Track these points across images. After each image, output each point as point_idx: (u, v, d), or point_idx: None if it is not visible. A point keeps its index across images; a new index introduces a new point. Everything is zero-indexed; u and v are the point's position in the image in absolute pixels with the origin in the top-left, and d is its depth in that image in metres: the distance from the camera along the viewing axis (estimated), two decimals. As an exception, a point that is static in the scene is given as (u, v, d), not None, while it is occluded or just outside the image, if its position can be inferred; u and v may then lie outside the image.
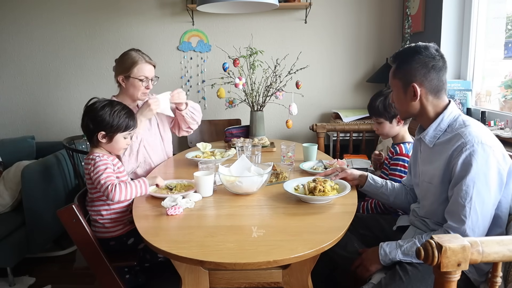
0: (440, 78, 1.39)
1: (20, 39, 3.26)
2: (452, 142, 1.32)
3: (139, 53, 2.07)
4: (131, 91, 2.06)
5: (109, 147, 1.67)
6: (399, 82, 1.41)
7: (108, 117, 1.62)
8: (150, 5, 3.22)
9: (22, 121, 3.39)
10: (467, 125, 1.33)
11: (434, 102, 1.40)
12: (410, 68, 1.38)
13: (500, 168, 1.27)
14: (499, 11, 2.44)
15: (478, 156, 1.25)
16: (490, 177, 1.25)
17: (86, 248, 1.57)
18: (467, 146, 1.27)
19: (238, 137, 2.58)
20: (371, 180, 1.65)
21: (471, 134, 1.29)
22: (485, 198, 1.24)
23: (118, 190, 1.53)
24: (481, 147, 1.25)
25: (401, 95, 1.42)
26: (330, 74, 3.33)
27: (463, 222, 1.24)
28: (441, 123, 1.38)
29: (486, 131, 1.33)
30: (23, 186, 2.24)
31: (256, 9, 2.58)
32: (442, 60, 1.39)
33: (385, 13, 3.23)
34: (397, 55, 1.44)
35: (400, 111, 1.50)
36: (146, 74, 2.04)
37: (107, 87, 3.31)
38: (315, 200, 1.50)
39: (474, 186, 1.24)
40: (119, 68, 2.07)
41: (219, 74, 2.79)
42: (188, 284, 1.34)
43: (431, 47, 1.39)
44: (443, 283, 0.89)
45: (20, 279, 2.34)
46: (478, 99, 2.57)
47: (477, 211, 1.24)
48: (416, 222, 1.49)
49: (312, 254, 1.16)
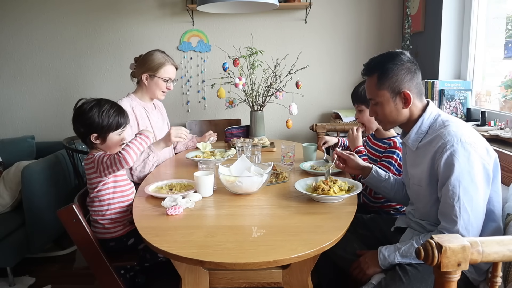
0: (420, 81, 1.41)
1: (20, 39, 3.26)
2: (433, 144, 1.32)
3: (165, 55, 2.21)
4: (153, 89, 2.19)
5: (104, 147, 1.67)
6: (386, 92, 1.38)
7: (98, 119, 1.60)
8: (150, 5, 3.22)
9: (22, 121, 3.39)
10: (446, 125, 1.33)
11: (419, 106, 1.40)
12: (397, 76, 1.36)
13: (484, 163, 1.26)
14: (499, 11, 2.44)
15: (459, 155, 1.25)
16: (475, 174, 1.24)
17: (86, 248, 1.57)
18: (447, 146, 1.27)
19: (238, 137, 2.58)
20: (374, 173, 1.65)
21: (450, 133, 1.29)
22: (473, 196, 1.24)
23: (126, 154, 1.53)
24: (461, 146, 1.25)
25: (390, 105, 1.39)
26: (330, 74, 3.33)
27: (455, 222, 1.24)
28: (421, 126, 1.39)
29: (466, 129, 1.33)
30: (23, 186, 2.24)
31: (256, 9, 2.58)
32: (416, 64, 1.41)
33: (385, 13, 3.23)
34: (374, 66, 1.41)
35: (388, 122, 1.46)
36: (171, 75, 2.21)
37: (107, 87, 3.31)
38: (324, 200, 1.50)
39: (459, 185, 1.24)
40: (144, 66, 2.18)
41: (219, 74, 2.79)
42: (188, 284, 1.34)
43: (405, 52, 1.41)
44: (443, 283, 0.89)
45: (20, 279, 2.34)
46: (478, 99, 2.57)
47: (467, 209, 1.24)
48: (413, 224, 1.49)
49: (312, 254, 1.16)
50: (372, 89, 1.42)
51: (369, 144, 2.02)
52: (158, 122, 2.28)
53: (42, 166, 2.35)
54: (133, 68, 2.24)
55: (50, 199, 2.37)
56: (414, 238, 1.37)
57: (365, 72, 1.44)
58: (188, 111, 3.33)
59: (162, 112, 2.40)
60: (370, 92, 1.44)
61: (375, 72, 1.40)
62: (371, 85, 1.42)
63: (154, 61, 2.16)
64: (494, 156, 1.32)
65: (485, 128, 2.10)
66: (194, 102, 3.33)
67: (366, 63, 1.45)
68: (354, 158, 1.70)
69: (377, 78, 1.39)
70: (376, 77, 1.39)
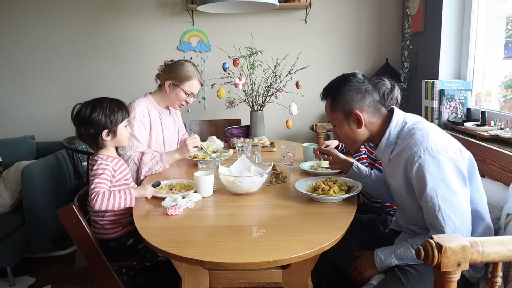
0: (375, 98, 1.41)
1: (20, 38, 3.26)
2: (402, 155, 1.32)
3: (195, 68, 2.16)
4: (172, 98, 2.14)
5: (115, 142, 1.69)
6: (340, 114, 1.41)
7: (104, 116, 1.62)
8: (150, 5, 3.22)
9: (22, 121, 3.39)
10: (412, 134, 1.32)
11: (378, 122, 1.41)
12: (346, 97, 1.39)
13: (457, 165, 1.25)
14: (499, 11, 2.44)
15: (428, 166, 1.24)
16: (449, 180, 1.23)
17: (86, 248, 1.57)
18: (415, 158, 1.26)
19: (238, 137, 2.58)
20: (355, 168, 1.65)
21: (416, 144, 1.27)
22: (453, 201, 1.23)
23: (100, 200, 1.53)
24: (429, 155, 1.24)
25: (345, 126, 1.42)
26: (330, 74, 3.30)
27: (443, 232, 1.23)
28: (389, 137, 1.38)
29: (434, 133, 1.30)
30: (23, 186, 2.24)
31: (256, 9, 2.58)
32: (370, 82, 1.43)
33: (385, 13, 3.24)
34: (328, 90, 1.46)
35: (350, 143, 1.47)
36: (194, 91, 2.15)
37: (107, 87, 3.31)
38: (324, 200, 1.50)
39: (436, 195, 1.23)
40: (170, 74, 2.12)
41: (219, 74, 2.79)
42: (188, 284, 1.34)
43: (357, 73, 1.44)
44: (443, 283, 0.89)
45: (20, 279, 2.34)
46: (478, 99, 2.57)
47: (451, 216, 1.22)
48: (404, 229, 1.50)
49: (312, 254, 1.16)
50: (328, 112, 1.48)
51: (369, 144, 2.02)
52: (170, 128, 2.23)
53: (42, 166, 2.35)
54: (160, 70, 2.19)
55: (50, 199, 2.37)
56: (409, 240, 1.36)
57: (322, 97, 1.49)
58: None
59: (175, 118, 2.33)
60: (327, 115, 1.49)
61: (329, 95, 1.46)
62: (327, 109, 1.48)
63: (182, 72, 2.10)
64: (467, 155, 1.31)
65: (485, 128, 2.10)
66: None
67: (324, 88, 1.49)
68: (334, 151, 1.73)
69: (330, 101, 1.45)
70: (330, 100, 1.45)
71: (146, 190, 1.62)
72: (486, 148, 1.81)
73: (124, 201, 1.57)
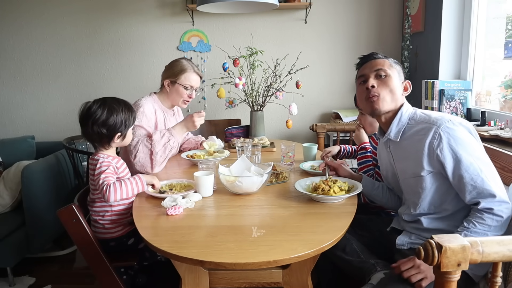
0: None
1: (20, 38, 3.26)
2: (422, 132, 1.36)
3: (189, 62, 2.18)
4: (173, 96, 2.17)
5: (121, 144, 1.70)
6: (397, 73, 1.46)
7: (121, 120, 1.63)
8: (150, 5, 3.22)
9: (22, 121, 3.39)
10: (428, 114, 1.40)
11: (403, 101, 1.47)
12: (401, 70, 1.49)
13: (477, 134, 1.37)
14: (499, 11, 2.44)
15: (459, 133, 1.30)
16: (479, 144, 1.34)
17: (86, 248, 1.57)
18: (441, 130, 1.31)
19: (238, 137, 2.58)
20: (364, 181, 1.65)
21: (437, 119, 1.35)
22: (484, 160, 1.30)
23: (113, 190, 1.53)
24: (454, 125, 1.31)
25: (398, 81, 1.46)
26: (330, 74, 3.33)
27: (490, 192, 1.25)
28: (401, 118, 1.44)
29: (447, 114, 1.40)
30: (23, 186, 2.24)
31: (256, 9, 2.58)
32: None
33: (385, 13, 3.24)
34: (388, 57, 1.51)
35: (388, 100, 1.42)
36: (192, 83, 2.15)
37: (107, 87, 3.31)
38: (324, 200, 1.50)
39: (474, 159, 1.28)
40: (167, 72, 2.17)
41: (219, 74, 2.79)
42: (188, 284, 1.34)
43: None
44: (443, 283, 0.89)
45: (20, 279, 2.34)
46: (478, 99, 2.57)
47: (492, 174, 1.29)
48: (407, 227, 1.48)
49: (312, 254, 1.16)
50: (385, 63, 1.46)
51: (372, 144, 2.02)
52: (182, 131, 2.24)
53: (42, 166, 2.35)
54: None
55: (50, 199, 2.37)
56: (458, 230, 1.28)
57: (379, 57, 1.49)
58: (188, 111, 3.33)
59: (178, 119, 2.33)
60: (382, 64, 1.45)
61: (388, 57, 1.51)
62: (385, 61, 1.47)
63: (176, 67, 2.13)
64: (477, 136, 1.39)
65: (485, 128, 2.10)
66: (194, 102, 3.33)
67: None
68: (344, 167, 1.74)
69: (390, 61, 1.49)
70: (390, 59, 1.50)
71: (154, 179, 1.66)
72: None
73: (136, 186, 1.59)
